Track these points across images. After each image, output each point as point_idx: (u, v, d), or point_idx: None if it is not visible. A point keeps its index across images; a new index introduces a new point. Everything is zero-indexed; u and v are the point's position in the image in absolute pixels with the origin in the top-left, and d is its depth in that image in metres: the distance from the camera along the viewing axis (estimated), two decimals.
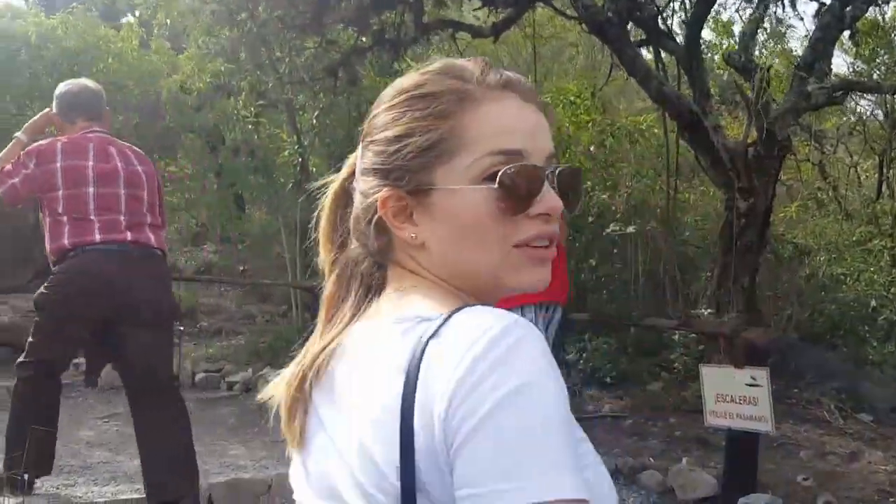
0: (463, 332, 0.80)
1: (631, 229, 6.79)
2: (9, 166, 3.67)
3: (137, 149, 3.99)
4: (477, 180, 0.89)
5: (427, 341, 0.82)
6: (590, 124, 7.49)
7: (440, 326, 0.83)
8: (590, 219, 7.34)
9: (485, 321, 0.81)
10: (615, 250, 7.37)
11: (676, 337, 6.42)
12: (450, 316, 0.83)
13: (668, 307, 6.92)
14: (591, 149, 7.49)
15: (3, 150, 3.79)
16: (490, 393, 0.75)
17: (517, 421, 0.74)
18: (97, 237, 3.59)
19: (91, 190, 3.63)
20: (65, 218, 3.60)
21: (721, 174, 5.59)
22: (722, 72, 8.92)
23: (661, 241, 7.09)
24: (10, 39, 7.72)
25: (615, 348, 6.65)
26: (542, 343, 0.81)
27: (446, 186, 0.90)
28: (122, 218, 3.65)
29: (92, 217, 3.61)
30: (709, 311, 6.00)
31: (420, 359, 0.81)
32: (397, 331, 0.87)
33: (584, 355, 6.64)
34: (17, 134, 3.86)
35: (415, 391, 0.80)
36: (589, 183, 7.59)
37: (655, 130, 7.54)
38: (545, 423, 0.75)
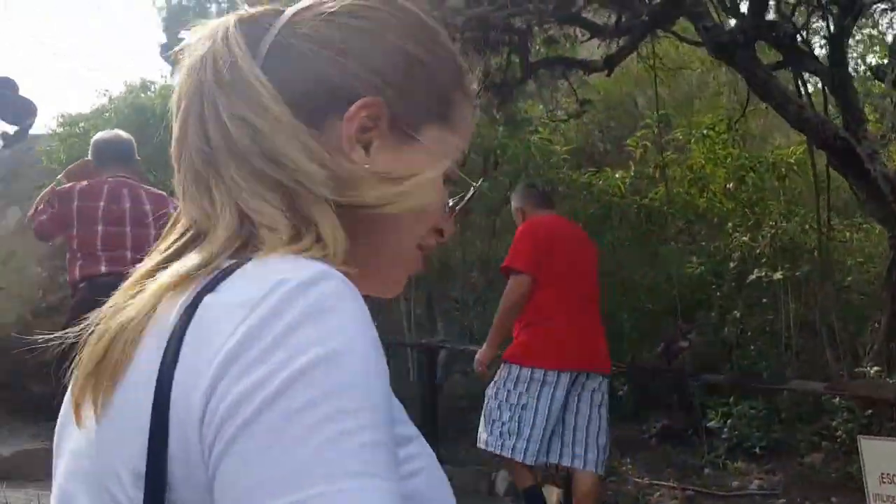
0: (247, 286, 0.60)
1: (778, 275, 5.98)
2: (41, 206, 4.08)
3: (155, 190, 4.34)
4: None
5: (200, 298, 0.61)
6: (727, 159, 6.77)
7: (220, 278, 0.62)
8: (731, 264, 6.57)
9: (278, 270, 0.60)
10: (763, 299, 6.53)
11: (838, 400, 5.54)
12: (236, 266, 0.63)
13: (829, 364, 6.01)
14: (730, 186, 6.75)
15: (43, 191, 4.21)
16: (273, 373, 0.55)
17: (306, 411, 0.54)
18: (103, 269, 3.88)
19: (100, 228, 3.95)
20: (78, 254, 3.95)
21: (881, 208, 4.83)
22: (891, 100, 7.91)
23: (818, 288, 6.21)
24: (141, 110, 8.17)
25: (765, 413, 5.83)
26: (358, 302, 0.60)
27: (428, 146, 0.76)
28: (128, 254, 3.89)
29: (99, 253, 3.93)
30: (875, 368, 5.14)
31: (187, 323, 0.60)
32: (170, 285, 0.66)
33: (729, 422, 5.87)
34: (59, 177, 4.30)
35: (174, 369, 0.59)
36: (730, 224, 6.85)
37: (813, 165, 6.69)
38: (349, 414, 0.55)
